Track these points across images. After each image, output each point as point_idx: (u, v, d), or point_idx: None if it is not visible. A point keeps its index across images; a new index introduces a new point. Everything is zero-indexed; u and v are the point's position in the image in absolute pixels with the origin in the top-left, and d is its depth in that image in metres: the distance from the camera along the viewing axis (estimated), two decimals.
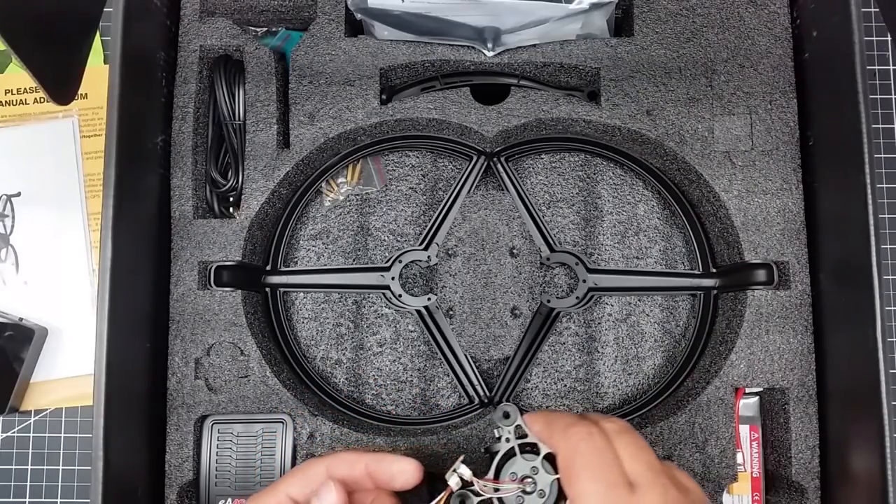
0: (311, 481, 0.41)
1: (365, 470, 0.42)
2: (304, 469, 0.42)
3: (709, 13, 0.58)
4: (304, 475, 0.42)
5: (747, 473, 0.57)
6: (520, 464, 0.41)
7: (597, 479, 0.36)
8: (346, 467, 0.42)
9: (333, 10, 0.58)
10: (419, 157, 0.63)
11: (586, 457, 0.37)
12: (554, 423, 0.39)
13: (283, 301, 0.61)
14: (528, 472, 0.40)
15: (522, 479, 0.40)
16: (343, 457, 0.42)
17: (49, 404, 0.67)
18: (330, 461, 0.42)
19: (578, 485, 0.36)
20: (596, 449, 0.37)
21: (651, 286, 0.60)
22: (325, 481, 0.41)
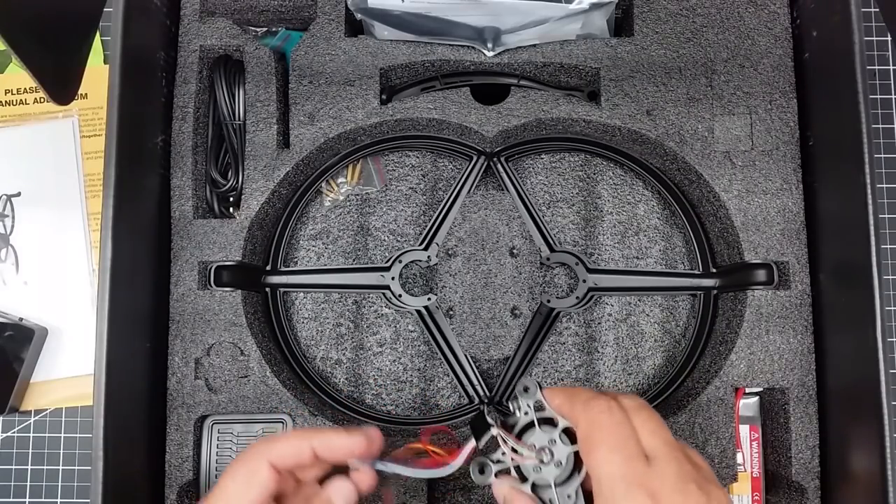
0: (261, 485, 0.39)
1: (311, 454, 0.41)
2: (245, 466, 0.40)
3: (709, 13, 0.58)
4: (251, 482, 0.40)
5: (747, 473, 0.57)
6: (538, 435, 0.41)
7: (615, 451, 0.36)
8: (291, 460, 0.41)
9: (333, 10, 0.58)
10: (419, 157, 0.63)
11: (606, 429, 0.37)
12: (575, 397, 0.40)
13: (283, 301, 0.61)
14: (546, 443, 0.41)
15: (541, 449, 0.41)
16: (284, 448, 0.40)
17: (49, 404, 0.67)
18: (270, 456, 0.40)
19: (598, 455, 0.37)
20: (615, 422, 0.37)
21: (651, 286, 0.60)
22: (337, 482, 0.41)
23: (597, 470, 0.37)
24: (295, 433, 0.41)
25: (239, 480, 0.40)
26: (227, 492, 0.39)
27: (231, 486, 0.39)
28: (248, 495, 0.39)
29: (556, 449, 0.41)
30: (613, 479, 0.36)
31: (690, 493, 0.35)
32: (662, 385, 0.59)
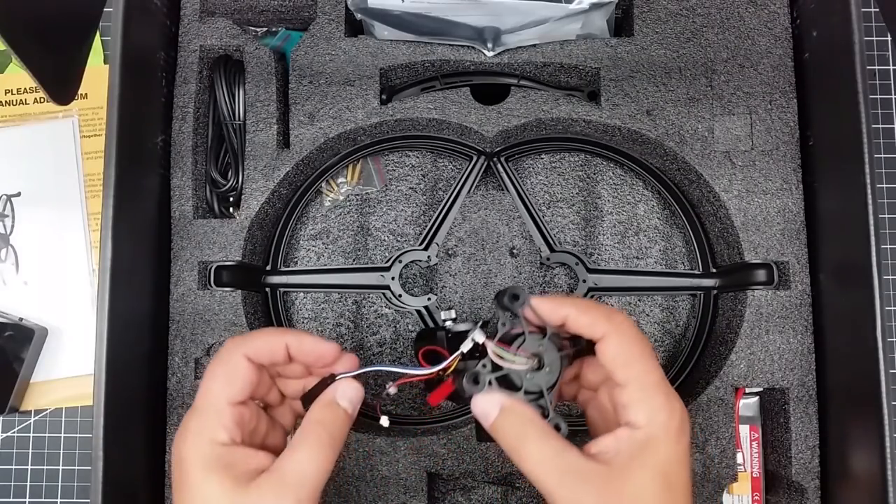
0: (243, 379, 0.40)
1: (285, 352, 0.42)
2: (226, 370, 0.40)
3: (709, 13, 0.58)
4: (234, 377, 0.40)
5: (747, 473, 0.57)
6: (529, 342, 0.42)
7: (652, 360, 0.40)
8: (266, 354, 0.41)
9: (333, 10, 0.58)
10: (419, 157, 0.63)
11: (640, 342, 0.40)
12: (591, 309, 0.41)
13: (283, 301, 0.61)
14: (536, 349, 0.41)
15: (533, 355, 0.41)
16: (259, 343, 0.41)
17: (49, 404, 0.67)
18: (245, 349, 0.41)
19: (639, 366, 0.39)
20: (641, 335, 0.41)
21: (651, 286, 0.60)
22: (346, 380, 0.42)
23: (641, 377, 0.39)
24: (270, 329, 0.42)
25: (220, 379, 0.40)
26: (210, 391, 0.40)
27: (213, 385, 0.40)
28: (230, 390, 0.40)
29: (547, 355, 0.41)
30: (658, 385, 0.39)
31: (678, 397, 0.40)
32: None
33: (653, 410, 0.38)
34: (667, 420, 0.38)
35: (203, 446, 0.38)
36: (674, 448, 0.38)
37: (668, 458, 0.38)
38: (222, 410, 0.39)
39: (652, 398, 0.39)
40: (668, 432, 0.38)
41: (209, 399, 0.40)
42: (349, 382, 0.42)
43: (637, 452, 0.38)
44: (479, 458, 0.54)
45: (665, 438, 0.38)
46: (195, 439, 0.38)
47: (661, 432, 0.38)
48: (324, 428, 0.40)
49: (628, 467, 0.37)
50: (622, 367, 0.39)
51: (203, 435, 0.38)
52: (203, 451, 0.38)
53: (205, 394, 0.40)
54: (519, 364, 0.41)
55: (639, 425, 0.38)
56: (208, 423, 0.39)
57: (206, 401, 0.40)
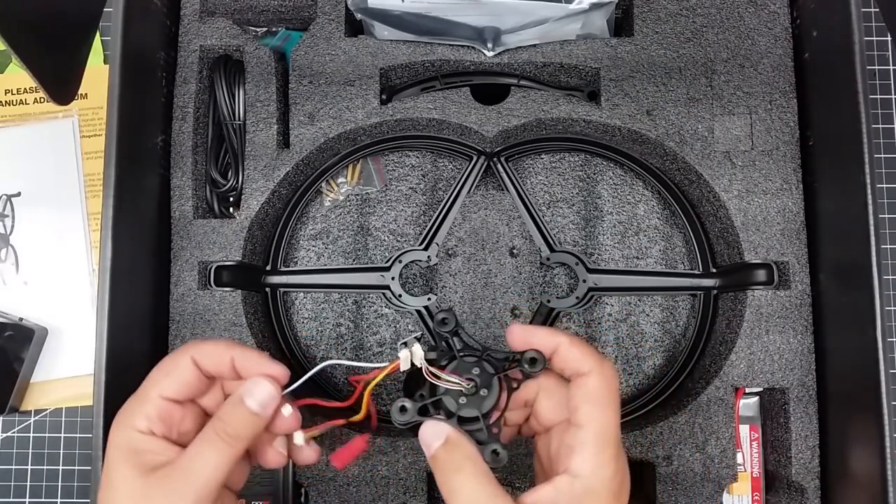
0: (181, 377, 0.40)
1: (231, 363, 0.41)
2: (169, 366, 0.41)
3: (709, 13, 0.58)
4: (172, 372, 0.40)
5: (747, 473, 0.57)
6: (462, 365, 0.41)
7: (617, 416, 0.39)
8: (212, 361, 0.41)
9: (333, 10, 0.58)
10: (419, 157, 0.63)
11: (616, 394, 0.40)
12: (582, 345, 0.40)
13: (283, 301, 0.61)
14: (469, 373, 0.41)
15: (467, 378, 0.41)
16: (208, 349, 0.41)
17: (49, 404, 0.67)
18: (194, 352, 0.41)
19: (607, 416, 0.39)
20: (617, 387, 0.40)
21: (651, 286, 0.60)
22: (255, 378, 0.40)
23: (600, 425, 0.38)
24: (224, 341, 0.42)
25: (162, 370, 0.41)
26: (150, 380, 0.41)
27: (154, 374, 0.41)
28: (163, 384, 0.40)
29: (481, 377, 0.41)
30: (612, 438, 0.38)
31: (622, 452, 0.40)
32: (662, 385, 0.59)
33: (600, 463, 0.37)
34: (610, 477, 0.37)
35: (122, 430, 0.39)
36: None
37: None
38: (149, 400, 0.40)
39: (603, 449, 0.38)
40: (609, 490, 0.37)
41: (142, 388, 0.40)
42: (259, 381, 0.40)
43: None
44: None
45: (605, 495, 0.37)
46: (118, 422, 0.40)
47: (602, 487, 0.37)
48: (223, 426, 0.39)
49: None
50: (590, 406, 0.38)
51: (125, 420, 0.39)
52: (120, 435, 0.39)
53: (146, 380, 0.41)
54: (453, 384, 0.40)
55: (581, 474, 0.37)
56: (132, 410, 0.40)
57: (140, 389, 0.41)
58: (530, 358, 0.40)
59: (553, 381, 0.42)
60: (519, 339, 0.41)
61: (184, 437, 0.40)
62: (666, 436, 0.54)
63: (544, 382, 0.42)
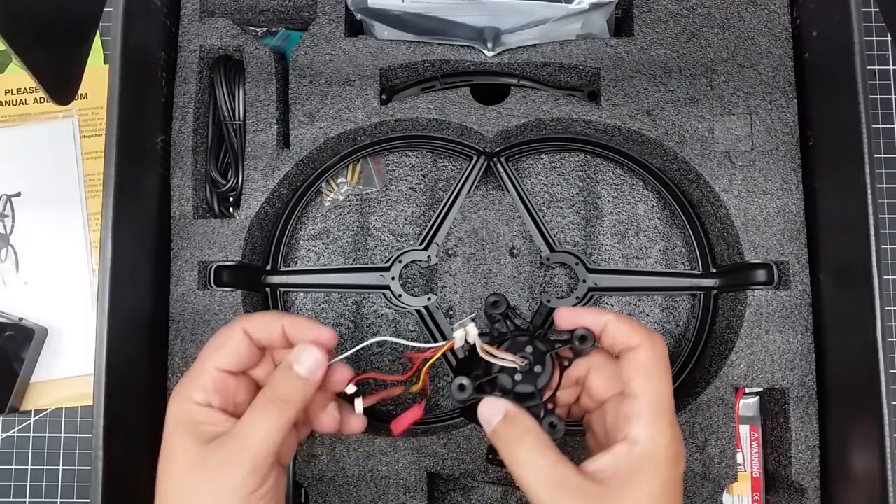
0: (234, 349, 0.42)
1: (282, 332, 0.43)
2: (222, 339, 0.42)
3: (709, 13, 0.58)
4: (225, 345, 0.42)
5: (747, 473, 0.57)
6: (515, 344, 0.43)
7: (670, 385, 0.40)
8: (263, 331, 0.42)
9: (333, 10, 0.58)
10: (419, 157, 0.63)
11: (667, 364, 0.41)
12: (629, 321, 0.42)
13: (283, 301, 0.61)
14: (523, 351, 0.42)
15: (522, 356, 0.42)
16: (258, 319, 0.43)
17: (49, 404, 0.67)
18: (245, 324, 0.42)
19: (660, 384, 0.40)
20: (667, 355, 0.41)
21: (651, 286, 0.60)
22: (304, 344, 0.42)
23: (655, 395, 0.39)
24: (273, 311, 0.44)
25: (212, 345, 0.42)
26: (201, 355, 0.42)
27: (205, 350, 0.42)
28: (217, 356, 0.41)
29: (535, 355, 0.42)
30: (667, 407, 0.39)
31: None
32: None
33: (657, 429, 0.38)
34: (667, 443, 0.38)
35: (180, 403, 0.41)
36: (669, 473, 0.38)
37: (662, 484, 0.38)
38: (205, 373, 0.41)
39: (659, 417, 0.39)
40: (667, 455, 0.38)
41: (198, 362, 0.42)
42: (307, 348, 0.42)
43: (633, 472, 0.38)
44: (479, 458, 0.54)
45: (663, 460, 0.38)
46: (176, 396, 0.41)
47: (660, 453, 0.38)
48: (274, 392, 0.40)
49: (622, 489, 0.37)
50: (643, 379, 0.40)
51: (183, 393, 0.41)
52: (179, 408, 0.40)
53: (201, 354, 0.42)
54: (508, 362, 0.41)
55: (639, 441, 0.38)
56: (190, 384, 0.41)
57: (195, 364, 0.42)
58: (581, 336, 0.42)
59: (602, 357, 0.43)
60: (567, 320, 0.43)
61: (239, 409, 0.42)
62: None
63: (594, 360, 0.43)
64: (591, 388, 0.44)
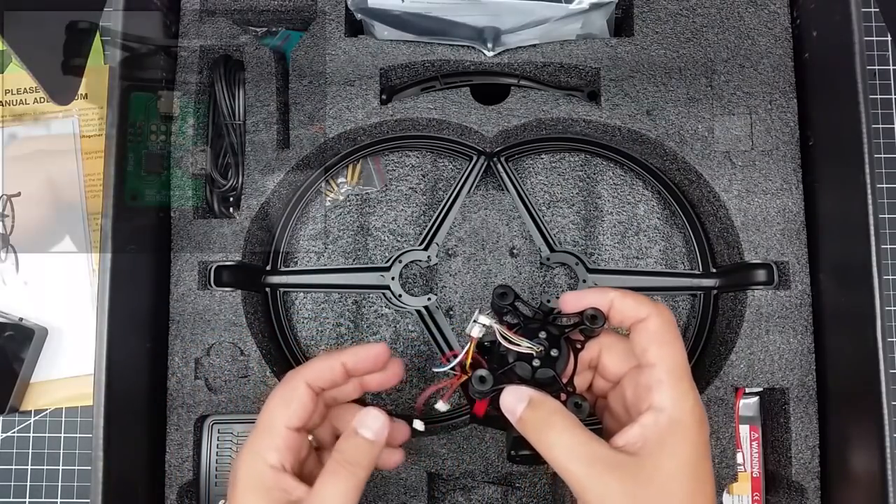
0: (300, 404, 0.42)
1: (343, 370, 0.44)
2: (286, 396, 0.42)
3: (709, 13, 0.58)
4: (291, 401, 0.42)
5: (747, 473, 0.57)
6: (528, 332, 0.43)
7: (683, 349, 0.41)
8: (323, 377, 0.43)
9: (333, 10, 0.58)
10: (419, 157, 0.63)
11: (674, 328, 0.41)
12: (633, 295, 0.42)
13: (283, 301, 0.61)
14: (537, 337, 0.42)
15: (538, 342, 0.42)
16: (317, 366, 0.43)
17: (49, 404, 0.67)
18: (305, 376, 0.43)
19: (672, 350, 0.40)
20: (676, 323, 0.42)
21: (651, 286, 0.60)
22: (367, 409, 0.43)
23: (671, 360, 0.40)
24: (324, 355, 0.45)
25: (278, 400, 0.42)
26: (269, 412, 0.42)
27: (272, 406, 0.42)
28: (287, 413, 0.42)
29: (550, 340, 0.42)
30: (685, 370, 0.40)
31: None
32: None
33: (679, 394, 0.39)
34: (691, 407, 0.38)
35: (254, 466, 0.41)
36: (698, 436, 0.38)
37: (693, 447, 0.38)
38: (277, 433, 0.41)
39: (680, 382, 0.39)
40: (694, 418, 0.38)
41: (267, 420, 0.42)
42: (370, 411, 0.43)
43: (663, 439, 0.38)
44: (479, 458, 0.54)
45: (691, 424, 0.38)
46: (249, 458, 0.41)
47: (686, 416, 0.38)
48: (343, 457, 0.41)
49: (656, 457, 0.37)
50: (657, 346, 0.40)
51: (257, 455, 0.41)
52: (252, 471, 0.41)
53: (264, 415, 0.42)
54: (525, 348, 0.41)
55: (664, 407, 0.38)
56: (263, 444, 0.41)
57: (264, 422, 0.42)
58: (590, 315, 0.42)
59: (612, 337, 0.44)
60: (572, 304, 0.43)
61: (305, 470, 0.43)
62: None
63: (604, 340, 0.43)
64: (605, 368, 0.43)
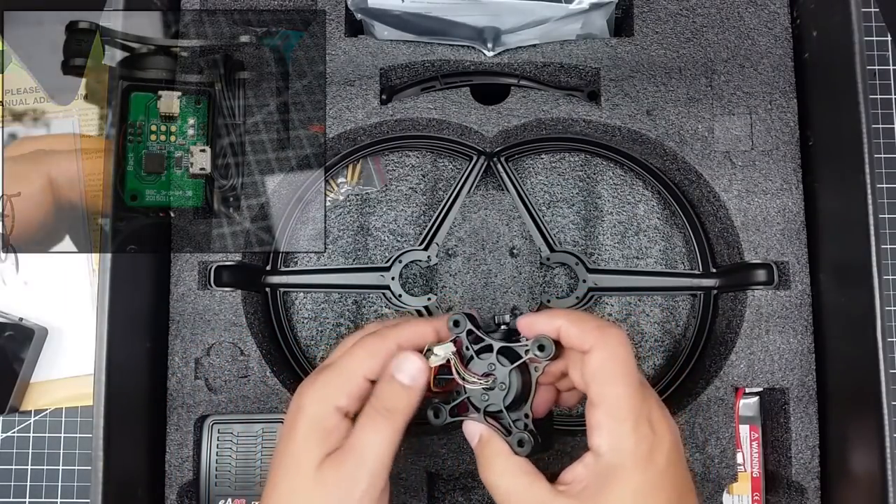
0: (384, 360, 0.41)
1: (430, 338, 0.43)
2: (374, 347, 0.41)
3: (709, 13, 0.58)
4: (378, 354, 0.41)
5: (747, 473, 0.57)
6: (478, 364, 0.43)
7: (631, 385, 0.39)
8: (416, 341, 0.42)
9: (333, 10, 0.58)
10: (419, 157, 0.63)
11: (623, 362, 0.39)
12: (583, 322, 0.41)
13: (283, 301, 0.61)
14: (486, 369, 0.42)
15: (484, 375, 0.42)
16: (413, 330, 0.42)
17: (49, 404, 0.67)
18: (401, 336, 0.42)
19: (616, 389, 0.38)
20: (629, 355, 0.39)
21: (651, 286, 0.60)
22: (404, 352, 0.41)
23: (611, 400, 0.38)
24: (414, 320, 0.43)
25: (366, 349, 0.41)
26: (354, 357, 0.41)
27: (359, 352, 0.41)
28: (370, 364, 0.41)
29: (498, 372, 0.42)
30: (627, 410, 0.38)
31: (666, 414, 0.40)
32: (662, 385, 0.59)
33: (619, 437, 0.38)
34: (632, 449, 0.37)
35: (322, 404, 0.40)
36: (640, 477, 0.37)
37: (635, 490, 0.37)
38: (355, 380, 0.40)
39: (619, 424, 0.38)
40: (636, 460, 0.37)
41: (350, 364, 0.41)
42: (407, 356, 0.41)
43: (602, 483, 0.37)
44: None
45: (631, 466, 0.37)
46: (320, 394, 0.40)
47: (626, 460, 0.37)
48: (381, 402, 0.40)
49: (596, 499, 0.37)
50: (597, 385, 0.39)
51: (328, 393, 0.40)
52: (319, 410, 0.40)
53: (347, 357, 0.41)
54: (471, 384, 0.42)
55: (602, 452, 0.38)
56: (338, 385, 0.40)
57: (344, 366, 0.41)
58: (538, 345, 0.41)
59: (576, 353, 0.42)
60: (526, 329, 0.43)
61: None
62: None
63: (570, 354, 0.42)
64: (575, 381, 0.43)
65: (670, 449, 0.39)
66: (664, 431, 0.39)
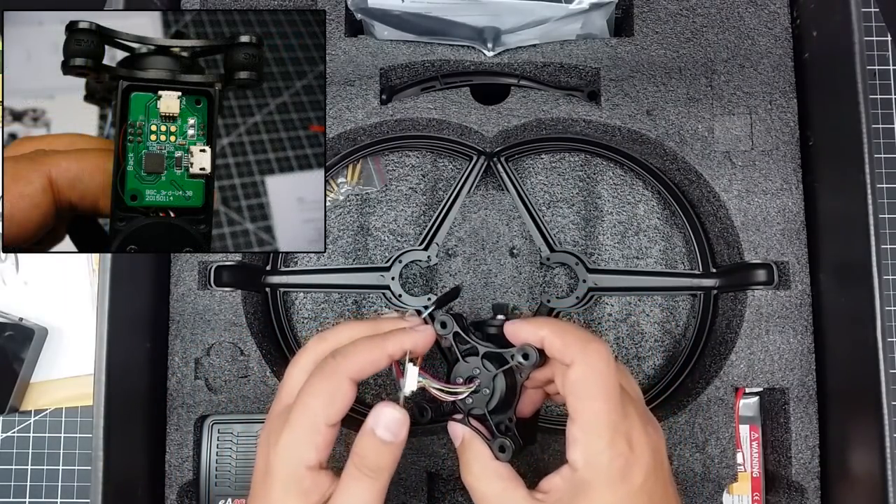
0: (344, 401, 0.39)
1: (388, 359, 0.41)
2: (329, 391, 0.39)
3: (709, 13, 0.58)
4: (335, 399, 0.39)
5: (747, 473, 0.57)
6: (463, 367, 0.43)
7: (610, 401, 0.38)
8: (370, 370, 0.40)
9: (333, 10, 0.59)
10: (419, 157, 0.63)
11: (604, 379, 0.39)
12: (566, 334, 0.40)
13: (283, 301, 0.61)
14: (471, 373, 0.43)
15: (469, 380, 0.43)
16: (362, 359, 0.40)
17: (49, 404, 0.67)
18: (350, 369, 0.40)
19: (594, 405, 0.38)
20: (611, 372, 0.39)
21: (651, 286, 0.60)
22: (380, 405, 0.40)
23: (588, 416, 0.38)
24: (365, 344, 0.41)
25: (321, 397, 0.39)
26: (310, 408, 0.39)
27: (314, 402, 0.39)
28: (330, 411, 0.39)
29: (482, 376, 0.42)
30: (603, 427, 0.38)
31: (650, 433, 0.39)
32: (662, 385, 0.59)
33: (594, 453, 0.38)
34: (606, 465, 0.37)
35: (292, 464, 0.38)
36: (611, 496, 0.37)
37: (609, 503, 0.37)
38: (318, 431, 0.39)
39: (595, 440, 0.38)
40: (609, 478, 0.37)
41: (308, 416, 0.39)
42: (383, 410, 0.40)
43: (573, 498, 0.37)
44: None
45: (604, 484, 0.37)
46: (286, 455, 0.39)
47: (600, 476, 0.37)
48: (362, 461, 0.39)
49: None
50: (575, 399, 0.39)
51: (295, 452, 0.39)
52: (290, 471, 0.38)
53: (303, 409, 0.39)
54: (454, 395, 0.42)
55: (577, 467, 0.38)
56: (302, 442, 0.39)
57: (304, 417, 0.39)
58: (523, 354, 0.41)
59: None
60: (512, 336, 0.43)
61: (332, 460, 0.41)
62: (666, 436, 0.54)
63: (555, 363, 0.42)
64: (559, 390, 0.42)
65: (649, 467, 0.38)
66: (643, 449, 0.38)
